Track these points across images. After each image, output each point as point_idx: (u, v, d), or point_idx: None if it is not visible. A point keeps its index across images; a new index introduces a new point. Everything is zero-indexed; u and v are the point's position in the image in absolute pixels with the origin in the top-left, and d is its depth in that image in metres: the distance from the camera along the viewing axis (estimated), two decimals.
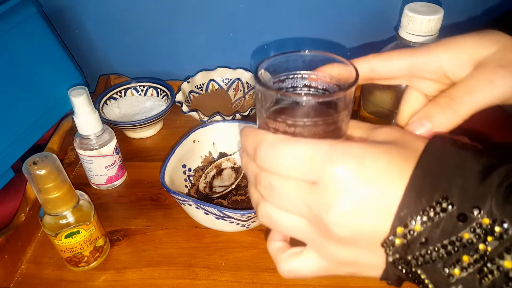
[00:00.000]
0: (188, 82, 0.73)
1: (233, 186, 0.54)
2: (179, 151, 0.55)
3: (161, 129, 0.72)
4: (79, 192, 0.47)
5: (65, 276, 0.49)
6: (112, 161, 0.58)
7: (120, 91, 0.73)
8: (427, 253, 0.22)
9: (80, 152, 0.56)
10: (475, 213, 0.21)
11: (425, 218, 0.22)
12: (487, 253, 0.21)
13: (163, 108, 0.69)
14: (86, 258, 0.48)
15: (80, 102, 0.52)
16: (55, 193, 0.43)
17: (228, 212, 0.45)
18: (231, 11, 0.71)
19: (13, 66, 0.58)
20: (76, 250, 0.47)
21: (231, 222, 0.47)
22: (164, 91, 0.73)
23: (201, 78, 0.74)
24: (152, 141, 0.70)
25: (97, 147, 0.55)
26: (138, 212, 0.56)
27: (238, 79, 0.75)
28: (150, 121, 0.66)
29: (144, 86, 0.74)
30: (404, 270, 0.24)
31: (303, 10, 0.70)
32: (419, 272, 0.23)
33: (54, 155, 0.42)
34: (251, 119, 0.64)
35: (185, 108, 0.66)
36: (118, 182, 0.61)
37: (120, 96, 0.73)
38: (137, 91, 0.74)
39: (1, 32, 0.57)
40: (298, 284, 0.47)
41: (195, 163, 0.59)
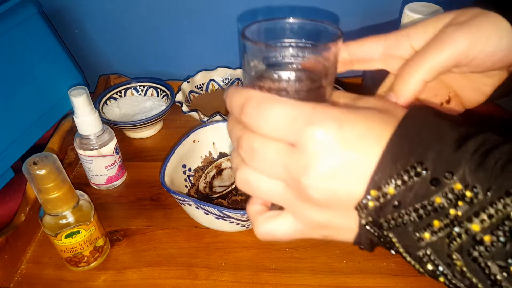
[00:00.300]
0: (188, 82, 0.73)
1: (233, 186, 0.54)
2: (179, 151, 0.55)
3: (161, 129, 0.72)
4: (79, 192, 0.47)
5: (65, 276, 0.49)
6: (112, 161, 0.58)
7: (120, 91, 0.73)
8: (399, 216, 0.23)
9: (80, 152, 0.56)
10: (448, 178, 0.21)
11: (399, 182, 0.22)
12: (457, 217, 0.22)
13: (163, 108, 0.69)
14: (86, 258, 0.48)
15: (80, 102, 0.52)
16: (55, 193, 0.43)
17: (228, 212, 0.45)
18: (231, 11, 0.71)
19: (13, 66, 0.58)
20: (76, 250, 0.47)
21: (231, 222, 0.47)
22: (164, 91, 0.73)
23: (201, 78, 0.74)
24: (152, 141, 0.70)
25: (97, 147, 0.55)
26: (138, 212, 0.56)
27: (238, 79, 0.75)
28: (150, 121, 0.66)
29: (144, 86, 0.74)
30: (376, 233, 0.24)
31: (304, 10, 0.70)
32: (390, 235, 0.24)
33: (54, 155, 0.42)
34: None
35: (185, 108, 0.66)
36: (118, 182, 0.61)
37: (120, 96, 0.73)
38: (137, 91, 0.74)
39: (1, 32, 0.57)
40: (298, 284, 0.47)
41: (195, 163, 0.59)
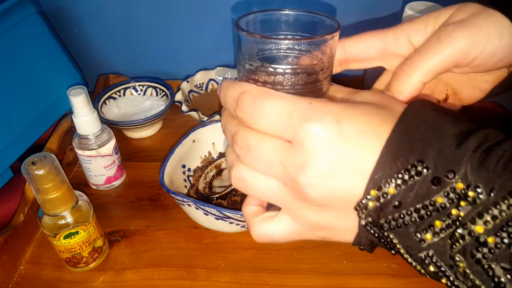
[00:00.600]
0: (188, 82, 0.72)
1: (233, 187, 0.54)
2: (179, 151, 0.54)
3: (160, 129, 0.72)
4: (78, 192, 0.47)
5: (64, 277, 0.49)
6: (111, 161, 0.58)
7: (119, 91, 0.73)
8: (400, 217, 0.22)
9: (79, 152, 0.56)
10: (450, 177, 0.21)
11: (399, 181, 0.22)
12: (459, 218, 0.21)
13: (162, 107, 0.69)
14: (85, 259, 0.48)
15: (79, 102, 0.52)
16: (54, 193, 0.42)
17: (227, 213, 0.44)
18: (231, 10, 0.71)
19: (11, 65, 0.58)
20: (75, 251, 0.46)
21: (231, 223, 0.47)
22: (163, 91, 0.73)
23: (200, 77, 0.74)
24: (152, 141, 0.70)
25: (96, 147, 0.55)
26: (137, 213, 0.56)
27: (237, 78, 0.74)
28: (149, 120, 0.65)
29: (143, 86, 0.74)
30: (376, 234, 0.24)
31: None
32: (391, 236, 0.23)
33: (53, 155, 0.42)
34: None
35: (184, 107, 0.66)
36: (117, 182, 0.61)
37: (119, 96, 0.73)
38: (136, 90, 0.74)
39: (0, 31, 0.57)
40: (299, 285, 0.46)
41: (195, 163, 0.58)
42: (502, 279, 0.20)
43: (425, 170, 0.21)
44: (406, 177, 0.22)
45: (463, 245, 0.21)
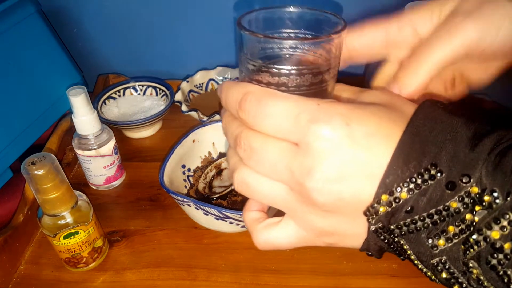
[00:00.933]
0: (188, 82, 0.72)
1: (233, 187, 0.53)
2: (179, 151, 0.54)
3: (160, 129, 0.72)
4: (77, 192, 0.47)
5: (64, 277, 0.48)
6: (110, 161, 0.58)
7: (118, 91, 0.73)
8: (412, 222, 0.21)
9: (79, 152, 0.56)
10: (465, 181, 0.20)
11: (412, 186, 0.21)
12: (474, 223, 0.20)
13: (162, 107, 0.69)
14: (84, 259, 0.48)
15: (79, 102, 0.52)
16: (54, 193, 0.42)
17: (227, 213, 0.44)
18: (231, 10, 0.71)
19: (11, 65, 0.58)
20: (74, 251, 0.46)
21: (231, 223, 0.47)
22: (163, 91, 0.72)
23: (200, 77, 0.74)
24: (151, 141, 0.70)
25: (95, 147, 0.55)
26: (137, 213, 0.56)
27: (237, 78, 0.74)
28: (149, 120, 0.65)
29: (143, 86, 0.74)
30: (386, 240, 0.23)
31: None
32: (402, 242, 0.22)
33: (53, 155, 0.42)
34: None
35: (184, 107, 0.66)
36: (117, 183, 0.61)
37: (119, 96, 0.73)
38: (136, 90, 0.74)
39: (0, 31, 0.57)
40: (299, 285, 0.46)
41: (195, 163, 0.58)
42: None
43: (438, 174, 0.21)
44: (419, 181, 0.21)
45: (478, 251, 0.20)
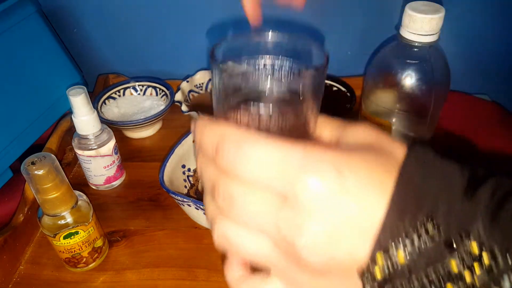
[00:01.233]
0: (188, 82, 0.72)
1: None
2: (179, 151, 0.54)
3: (160, 129, 0.71)
4: (77, 192, 0.47)
5: (64, 277, 0.48)
6: (110, 161, 0.58)
7: (118, 91, 0.73)
8: (409, 282, 0.20)
9: (79, 152, 0.56)
10: (463, 237, 0.19)
11: (407, 242, 0.20)
12: (474, 283, 0.19)
13: (162, 107, 0.69)
14: (84, 259, 0.48)
15: (79, 102, 0.52)
16: (54, 193, 0.42)
17: None
18: (231, 10, 0.71)
19: (11, 65, 0.58)
20: (74, 251, 0.46)
21: None
22: (163, 91, 0.72)
23: (200, 77, 0.74)
24: (151, 141, 0.69)
25: (95, 147, 0.55)
26: (137, 213, 0.56)
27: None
28: (149, 120, 0.65)
29: (143, 86, 0.74)
30: None
31: (306, 10, 0.69)
32: None
33: (53, 155, 0.42)
34: None
35: (184, 107, 0.66)
36: (117, 183, 0.61)
37: (119, 96, 0.73)
38: (136, 90, 0.74)
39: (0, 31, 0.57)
40: None
41: (195, 163, 0.58)
42: None
43: (436, 231, 0.19)
44: (415, 238, 0.20)
45: None
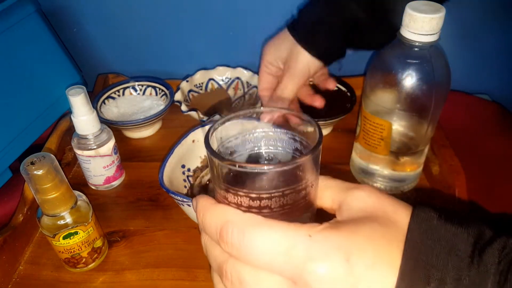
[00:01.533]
0: (187, 81, 0.72)
1: None
2: (178, 151, 0.54)
3: (160, 128, 0.71)
4: (77, 192, 0.47)
5: (63, 277, 0.48)
6: (110, 161, 0.57)
7: (118, 91, 0.72)
8: None
9: (78, 152, 0.55)
10: None
11: None
12: None
13: (161, 107, 0.69)
14: (84, 259, 0.48)
15: (78, 102, 0.52)
16: (53, 193, 0.42)
17: None
18: (231, 10, 0.71)
19: (10, 65, 0.58)
20: (74, 251, 0.46)
21: None
22: (163, 90, 0.72)
23: (200, 77, 0.74)
24: (151, 141, 0.69)
25: (95, 147, 0.55)
26: (137, 213, 0.56)
27: (237, 78, 0.74)
28: (148, 120, 0.65)
29: (142, 85, 0.74)
30: None
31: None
32: None
33: (52, 155, 0.42)
34: None
35: (184, 107, 0.66)
36: (116, 183, 0.60)
37: (119, 96, 0.73)
38: (136, 90, 0.74)
39: None
40: None
41: (195, 163, 0.58)
42: None
43: None
44: None
45: None
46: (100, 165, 0.57)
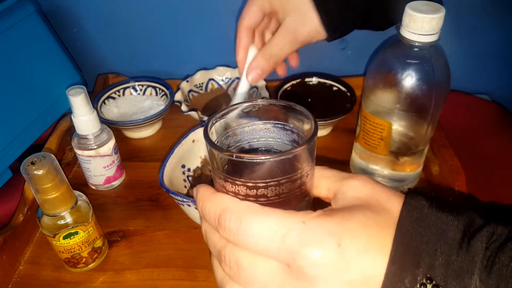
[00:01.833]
0: (188, 81, 0.72)
1: None
2: (178, 151, 0.54)
3: (160, 128, 0.71)
4: (77, 192, 0.47)
5: (63, 277, 0.48)
6: (110, 161, 0.57)
7: (118, 91, 0.72)
8: None
9: (78, 152, 0.56)
10: None
11: None
12: None
13: (162, 107, 0.69)
14: (84, 259, 0.48)
15: (78, 102, 0.52)
16: (53, 193, 0.42)
17: None
18: (231, 10, 0.71)
19: (11, 65, 0.58)
20: (74, 251, 0.46)
21: None
22: (163, 90, 0.72)
23: (200, 77, 0.74)
24: (151, 141, 0.69)
25: (95, 147, 0.55)
26: (137, 213, 0.56)
27: (238, 78, 0.74)
28: (148, 120, 0.65)
29: (142, 85, 0.74)
30: None
31: None
32: None
33: (52, 155, 0.42)
34: None
35: (184, 107, 0.66)
36: (116, 183, 0.60)
37: (119, 96, 0.73)
38: (136, 90, 0.74)
39: None
40: None
41: (195, 163, 0.58)
42: None
43: None
44: None
45: None
46: (100, 165, 0.57)
